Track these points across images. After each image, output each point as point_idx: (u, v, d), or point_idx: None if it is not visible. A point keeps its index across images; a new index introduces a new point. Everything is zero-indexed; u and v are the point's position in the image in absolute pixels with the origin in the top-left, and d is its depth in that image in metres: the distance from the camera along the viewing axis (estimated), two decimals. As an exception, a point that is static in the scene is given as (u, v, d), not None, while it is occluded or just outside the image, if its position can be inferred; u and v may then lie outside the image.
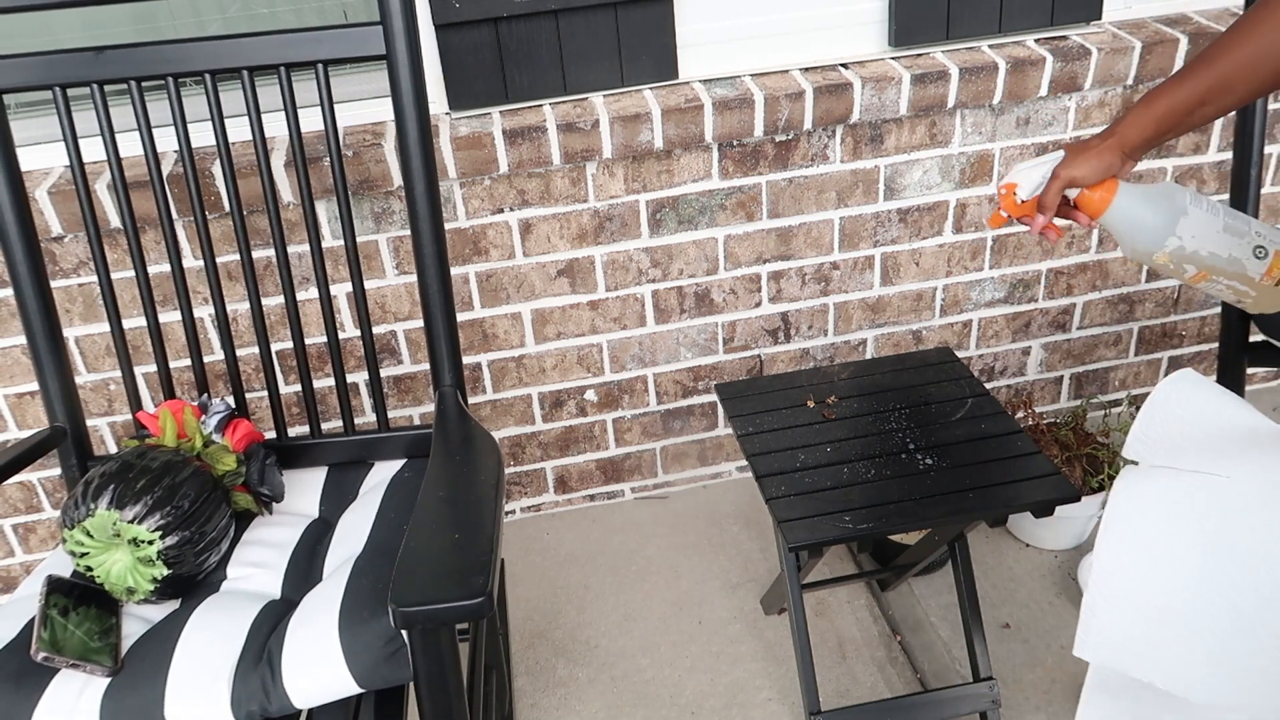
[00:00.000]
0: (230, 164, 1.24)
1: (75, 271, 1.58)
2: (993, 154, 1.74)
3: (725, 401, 1.48)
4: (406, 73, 1.17)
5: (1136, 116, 1.00)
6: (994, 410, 1.40)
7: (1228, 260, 1.00)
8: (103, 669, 0.97)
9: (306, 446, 1.34)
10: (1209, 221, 1.00)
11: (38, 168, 1.54)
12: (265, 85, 1.22)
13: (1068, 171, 1.01)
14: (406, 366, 1.77)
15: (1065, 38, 1.69)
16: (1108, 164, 1.01)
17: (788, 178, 1.70)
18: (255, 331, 1.29)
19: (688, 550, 1.87)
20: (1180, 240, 0.99)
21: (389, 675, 0.98)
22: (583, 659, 1.66)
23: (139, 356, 1.62)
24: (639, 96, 1.61)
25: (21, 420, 1.71)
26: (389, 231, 1.63)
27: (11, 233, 1.20)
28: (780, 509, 1.26)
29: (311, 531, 1.23)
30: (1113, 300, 1.96)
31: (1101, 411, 1.99)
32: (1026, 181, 1.05)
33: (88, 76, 1.18)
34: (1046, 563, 1.77)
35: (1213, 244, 0.99)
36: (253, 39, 1.18)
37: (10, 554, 1.87)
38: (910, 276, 1.85)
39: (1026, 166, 1.05)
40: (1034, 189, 1.04)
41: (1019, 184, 1.05)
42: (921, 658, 1.61)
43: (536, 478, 1.96)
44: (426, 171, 1.21)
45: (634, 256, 1.73)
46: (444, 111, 1.61)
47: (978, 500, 1.25)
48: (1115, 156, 1.01)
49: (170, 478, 1.09)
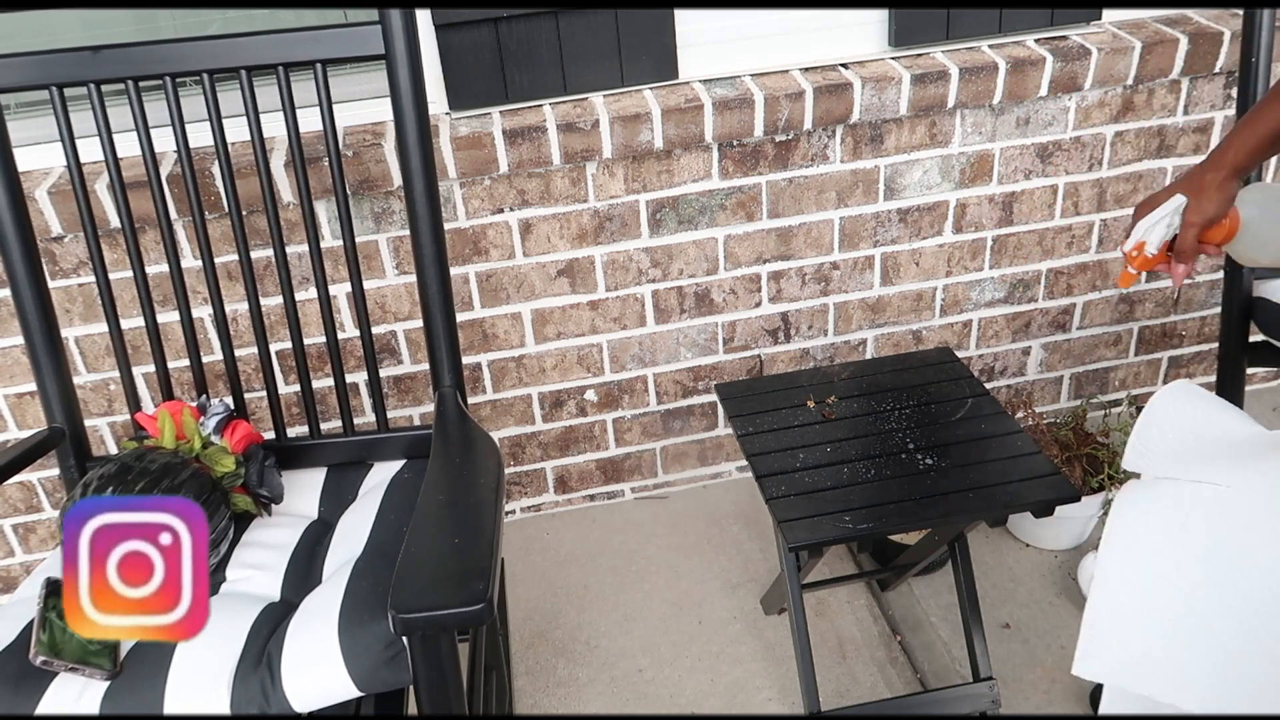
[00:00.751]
0: (229, 164, 1.23)
1: (74, 272, 1.58)
2: (993, 154, 1.74)
3: (725, 401, 1.48)
4: (406, 73, 1.17)
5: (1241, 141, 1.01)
6: (994, 410, 1.40)
7: None
8: (102, 672, 0.97)
9: (306, 447, 1.33)
10: None
11: (37, 168, 1.54)
12: (264, 85, 1.21)
13: (1200, 217, 1.03)
14: (406, 366, 1.77)
15: (1065, 38, 1.69)
16: (1229, 195, 1.02)
17: (788, 178, 1.70)
18: (254, 332, 1.29)
19: (688, 550, 1.87)
20: None
21: (389, 678, 0.98)
22: (583, 659, 1.66)
23: (138, 357, 1.61)
24: (639, 96, 1.61)
25: (21, 420, 1.70)
26: (389, 231, 1.63)
27: (9, 233, 1.19)
28: (780, 509, 1.26)
29: (311, 533, 1.23)
30: (1113, 300, 1.96)
31: (1101, 411, 1.99)
32: (1154, 238, 1.06)
33: (85, 76, 1.17)
34: (1046, 563, 1.77)
35: None
36: (251, 39, 1.18)
37: (10, 554, 1.86)
38: (910, 276, 1.85)
39: (1149, 223, 1.06)
40: (1159, 240, 1.06)
41: (1148, 242, 1.06)
42: (921, 658, 1.61)
43: (536, 478, 1.96)
44: (426, 171, 1.21)
45: (634, 256, 1.73)
46: (444, 111, 1.60)
47: (978, 500, 1.25)
48: (1233, 183, 1.02)
49: (169, 479, 1.09)
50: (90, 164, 1.44)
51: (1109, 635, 0.98)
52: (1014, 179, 1.78)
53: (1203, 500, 0.98)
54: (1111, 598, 0.99)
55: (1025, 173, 1.78)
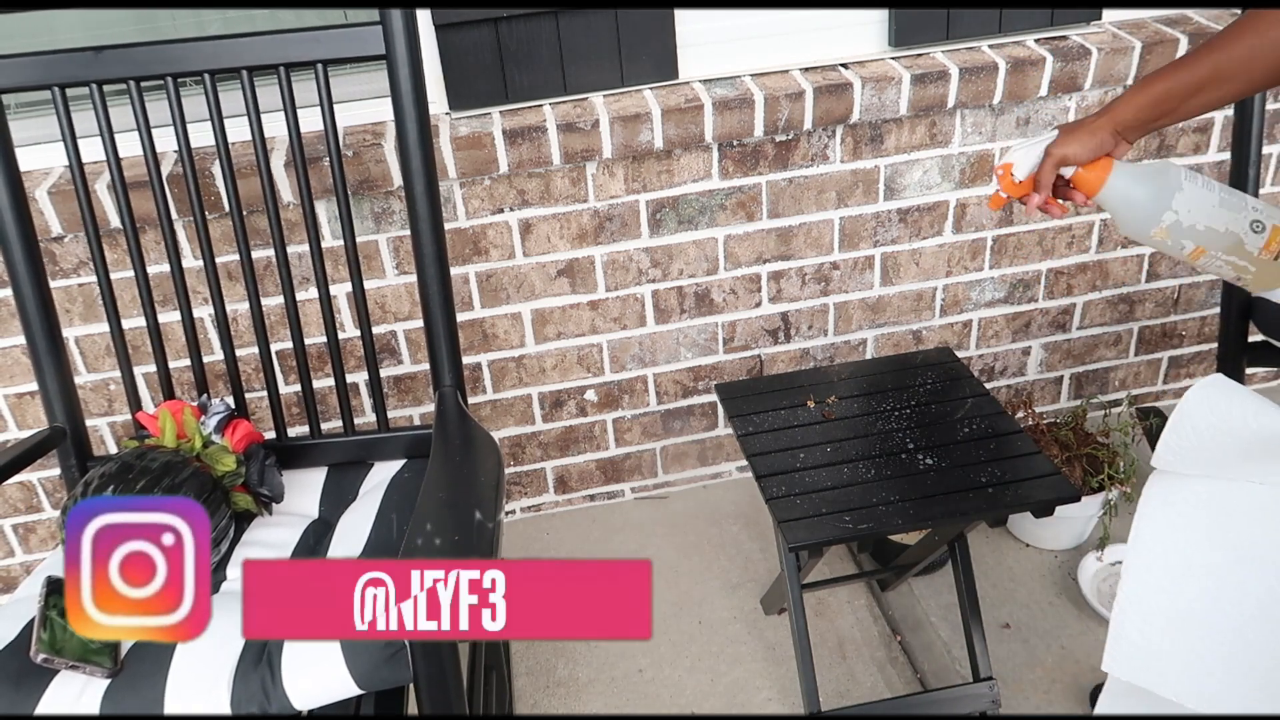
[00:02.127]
0: (230, 164, 1.23)
1: (75, 271, 1.58)
2: (993, 154, 1.74)
3: (725, 401, 1.48)
4: (406, 73, 1.17)
5: (1131, 97, 1.00)
6: (994, 410, 1.40)
7: (1225, 234, 1.00)
8: (102, 670, 0.97)
9: (306, 447, 1.33)
10: (1204, 196, 1.00)
11: (38, 168, 1.54)
12: (265, 85, 1.22)
13: (1060, 149, 1.02)
14: (406, 366, 1.77)
15: (1065, 38, 1.69)
16: (1100, 141, 1.01)
17: (788, 178, 1.70)
18: (255, 332, 1.29)
19: (688, 550, 1.87)
20: (1177, 214, 1.00)
21: (389, 677, 0.98)
22: (583, 659, 1.66)
23: (139, 356, 1.61)
24: (639, 96, 1.61)
25: (21, 420, 1.70)
26: (389, 231, 1.63)
27: (10, 233, 1.20)
28: (780, 509, 1.26)
29: (311, 532, 1.23)
30: (1113, 300, 1.96)
31: (1101, 411, 1.99)
32: (1023, 161, 1.05)
33: (86, 76, 1.17)
34: (1046, 563, 1.77)
35: (1209, 218, 1.00)
36: (252, 39, 1.18)
37: (10, 554, 1.86)
38: (910, 276, 1.85)
39: (1021, 146, 1.06)
40: (1030, 168, 1.05)
41: (1015, 163, 1.05)
42: (921, 658, 1.61)
43: (536, 478, 1.96)
44: (426, 171, 1.21)
45: (634, 256, 1.73)
46: (444, 111, 1.60)
47: (978, 500, 1.25)
48: (1108, 134, 1.01)
49: (170, 479, 1.09)
50: (91, 164, 1.44)
51: (1135, 633, 0.97)
52: (1014, 179, 1.78)
53: (1237, 497, 0.96)
54: (1139, 595, 0.98)
55: (1025, 173, 1.78)
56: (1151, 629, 0.97)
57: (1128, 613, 0.99)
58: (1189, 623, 0.95)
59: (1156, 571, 0.98)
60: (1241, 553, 0.94)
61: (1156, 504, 1.01)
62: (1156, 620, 0.97)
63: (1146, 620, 0.98)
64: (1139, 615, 0.98)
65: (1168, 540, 0.99)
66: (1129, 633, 0.98)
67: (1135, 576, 0.99)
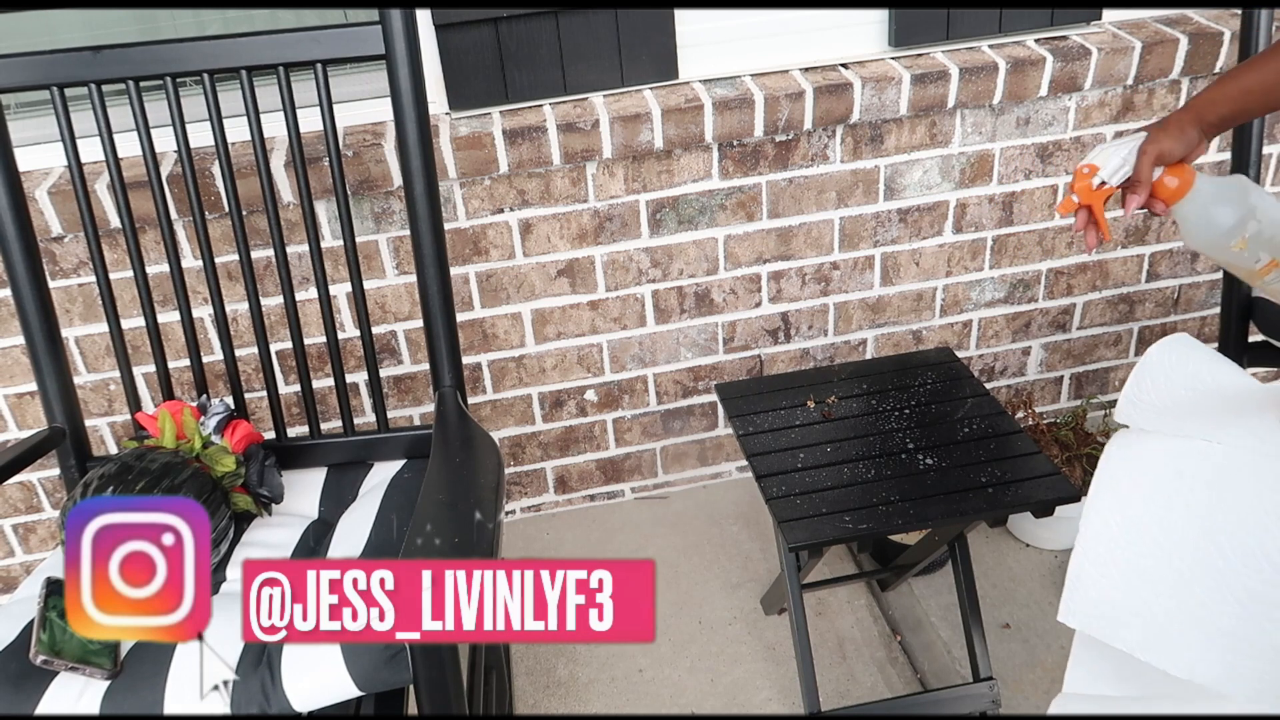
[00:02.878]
0: (229, 164, 1.23)
1: (75, 272, 1.58)
2: (993, 154, 1.74)
3: (725, 401, 1.48)
4: (406, 73, 1.17)
5: (1214, 93, 0.98)
6: (994, 410, 1.40)
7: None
8: (102, 672, 0.97)
9: (306, 447, 1.33)
10: (1276, 209, 0.98)
11: (37, 168, 1.54)
12: (264, 85, 1.22)
13: (1155, 145, 0.99)
14: (406, 366, 1.77)
15: (1065, 38, 1.69)
16: (1190, 139, 0.99)
17: (788, 178, 1.70)
18: (254, 332, 1.29)
19: (688, 550, 1.87)
20: (1260, 225, 0.97)
21: (389, 678, 0.98)
22: (583, 659, 1.66)
23: (138, 357, 1.61)
24: (639, 96, 1.61)
25: (21, 420, 1.70)
26: (389, 231, 1.63)
27: (10, 233, 1.19)
28: (780, 509, 1.26)
29: (311, 532, 1.23)
30: (1113, 300, 1.96)
31: (1101, 411, 1.99)
32: (1108, 163, 1.00)
33: (85, 76, 1.17)
34: (1046, 563, 1.77)
35: None
36: (251, 39, 1.18)
37: (10, 554, 1.86)
38: (910, 276, 1.85)
39: (1107, 148, 1.01)
40: (1115, 171, 1.00)
41: (1101, 164, 1.00)
42: (921, 658, 1.61)
43: (536, 478, 1.96)
44: (426, 171, 1.21)
45: (634, 256, 1.73)
46: (444, 111, 1.60)
47: (978, 500, 1.25)
48: (1195, 131, 0.99)
49: (169, 479, 1.09)
50: (91, 164, 1.44)
51: (1090, 585, 0.98)
52: (1014, 179, 1.78)
53: (1191, 455, 0.96)
54: (1095, 547, 0.99)
55: (1025, 173, 1.78)
56: (1108, 582, 0.97)
57: (1083, 564, 0.99)
58: (1143, 576, 0.96)
59: (1113, 525, 0.98)
60: (1193, 511, 0.94)
61: (1117, 458, 1.01)
62: (1111, 572, 0.97)
63: (1103, 573, 0.98)
64: (1095, 567, 0.98)
65: (1125, 492, 0.99)
66: (1085, 584, 0.98)
67: (1093, 529, 0.99)
